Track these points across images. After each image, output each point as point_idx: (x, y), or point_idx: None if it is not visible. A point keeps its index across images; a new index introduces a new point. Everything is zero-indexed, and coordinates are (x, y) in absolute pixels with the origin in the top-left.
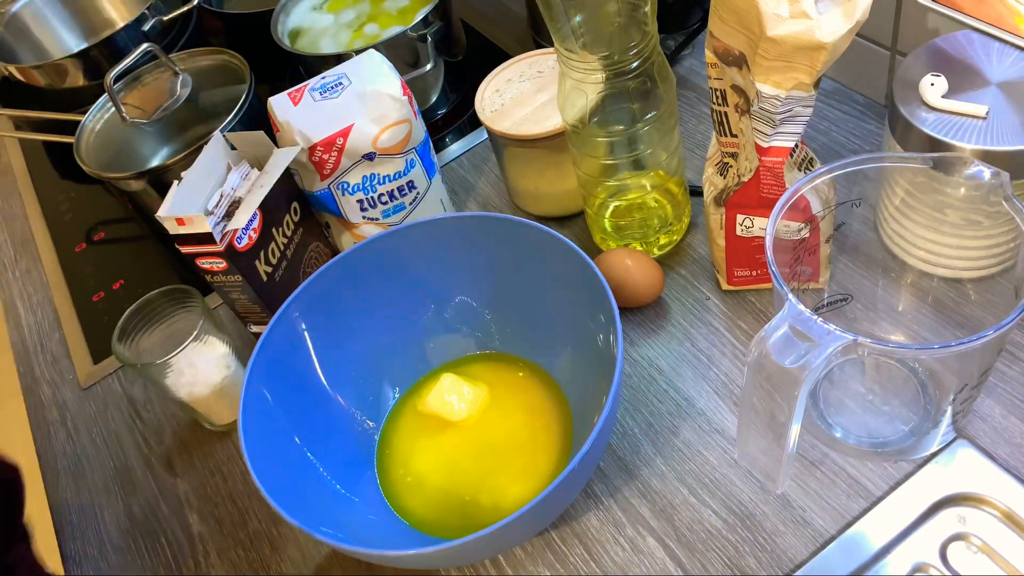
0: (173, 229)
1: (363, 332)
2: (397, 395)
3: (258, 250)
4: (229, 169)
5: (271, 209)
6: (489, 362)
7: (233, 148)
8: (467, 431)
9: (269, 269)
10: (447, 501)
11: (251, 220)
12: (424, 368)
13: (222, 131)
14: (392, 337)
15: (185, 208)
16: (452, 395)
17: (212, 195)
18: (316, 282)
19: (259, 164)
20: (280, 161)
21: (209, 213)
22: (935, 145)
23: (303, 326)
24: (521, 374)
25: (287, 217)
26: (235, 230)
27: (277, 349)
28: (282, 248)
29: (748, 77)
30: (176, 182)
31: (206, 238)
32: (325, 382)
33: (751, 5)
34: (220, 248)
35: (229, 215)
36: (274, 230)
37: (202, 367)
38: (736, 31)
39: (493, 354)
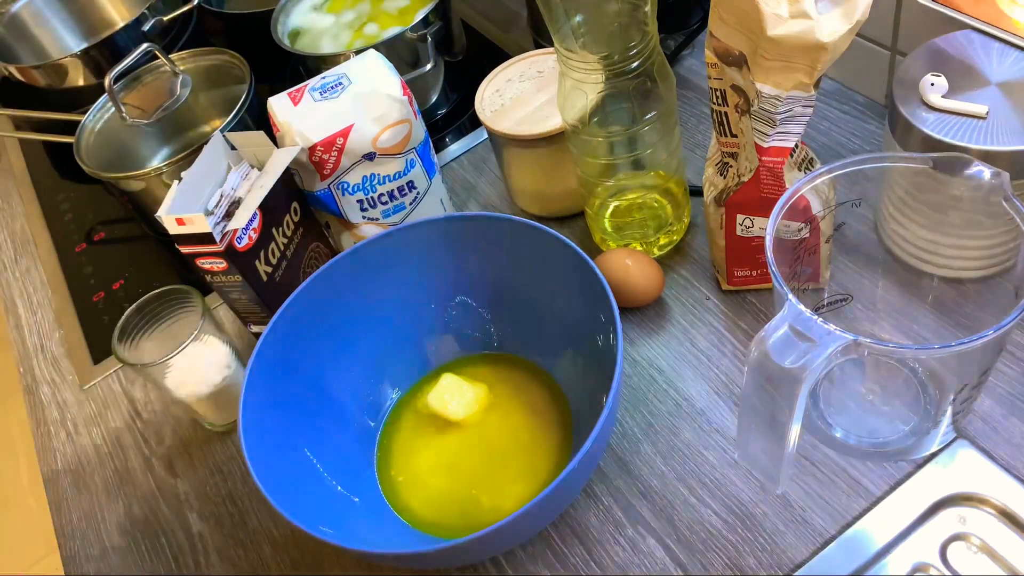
0: (173, 229)
1: (363, 332)
2: (397, 395)
3: (258, 250)
4: (229, 169)
5: (271, 209)
6: (489, 362)
7: (233, 148)
8: (467, 431)
9: (269, 269)
10: (447, 501)
11: (251, 220)
12: (424, 368)
13: (222, 131)
14: (392, 337)
15: (185, 208)
16: (452, 395)
17: (212, 195)
18: (316, 282)
19: (259, 164)
20: (280, 161)
21: (209, 213)
22: (935, 145)
23: (303, 326)
24: (521, 374)
25: (287, 217)
26: (235, 230)
27: (277, 349)
28: (282, 248)
29: (748, 77)
30: (176, 182)
31: (206, 238)
32: (325, 382)
33: (751, 5)
34: (220, 248)
35: (229, 215)
36: (274, 230)
37: (202, 367)
38: (736, 31)
39: (493, 354)
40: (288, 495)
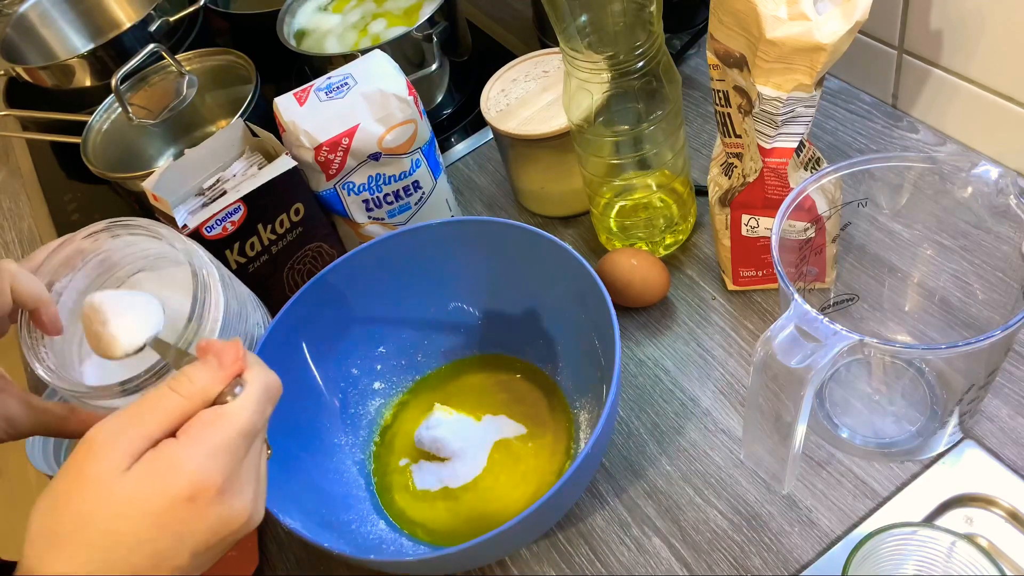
0: (151, 201)
1: (360, 337)
2: (395, 399)
3: (232, 241)
4: (241, 155)
5: (262, 206)
6: (487, 364)
7: (255, 135)
8: None
9: (243, 260)
10: (448, 506)
11: (231, 212)
12: (422, 371)
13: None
14: (389, 341)
15: (166, 188)
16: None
17: (212, 177)
18: (312, 289)
19: (274, 159)
20: (278, 166)
21: (200, 193)
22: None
23: (300, 332)
24: (519, 376)
25: (283, 216)
26: (209, 217)
27: (274, 355)
28: (266, 244)
29: (749, 79)
30: (173, 158)
31: (173, 221)
32: (322, 386)
33: (750, 7)
34: (184, 233)
35: (216, 199)
36: (260, 226)
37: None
38: (736, 33)
39: (491, 356)
40: (289, 504)
